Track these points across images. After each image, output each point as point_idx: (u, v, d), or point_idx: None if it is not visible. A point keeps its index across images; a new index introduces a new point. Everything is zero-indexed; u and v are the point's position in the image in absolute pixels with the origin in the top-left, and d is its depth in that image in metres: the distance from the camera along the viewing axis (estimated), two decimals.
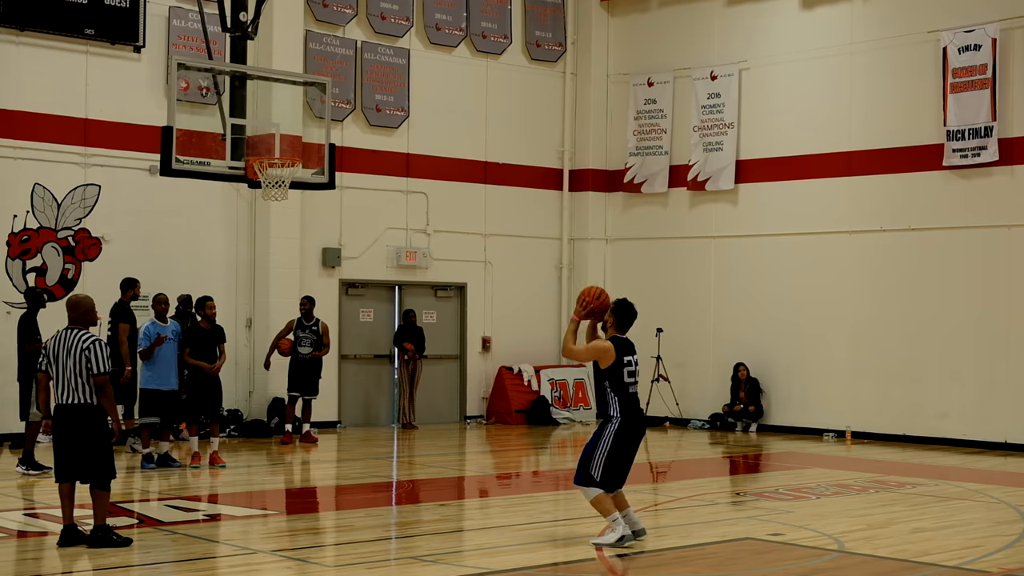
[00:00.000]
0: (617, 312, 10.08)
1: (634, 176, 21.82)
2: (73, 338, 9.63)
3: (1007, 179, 17.62)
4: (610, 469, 9.79)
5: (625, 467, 9.92)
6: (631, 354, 9.98)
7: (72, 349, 9.57)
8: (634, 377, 9.96)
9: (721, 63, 20.70)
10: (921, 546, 10.08)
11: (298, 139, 14.57)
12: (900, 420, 18.58)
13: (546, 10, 22.08)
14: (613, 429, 9.82)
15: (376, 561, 9.47)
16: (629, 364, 9.92)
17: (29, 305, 14.40)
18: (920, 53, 18.43)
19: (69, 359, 9.57)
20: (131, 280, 15.81)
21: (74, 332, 9.69)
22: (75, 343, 9.59)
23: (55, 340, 9.74)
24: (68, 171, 17.15)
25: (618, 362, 9.85)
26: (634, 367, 9.98)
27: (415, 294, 20.73)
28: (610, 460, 9.78)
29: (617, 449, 9.79)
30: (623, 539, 9.74)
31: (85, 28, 17.14)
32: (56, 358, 9.64)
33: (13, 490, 12.89)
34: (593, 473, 9.80)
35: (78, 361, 9.53)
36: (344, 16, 19.60)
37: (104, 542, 9.59)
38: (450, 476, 15.07)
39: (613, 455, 9.79)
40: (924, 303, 18.37)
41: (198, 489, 13.32)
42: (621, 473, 9.90)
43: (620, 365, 9.86)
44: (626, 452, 9.86)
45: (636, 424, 9.89)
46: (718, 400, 20.40)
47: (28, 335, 14.10)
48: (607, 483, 9.82)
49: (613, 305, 10.14)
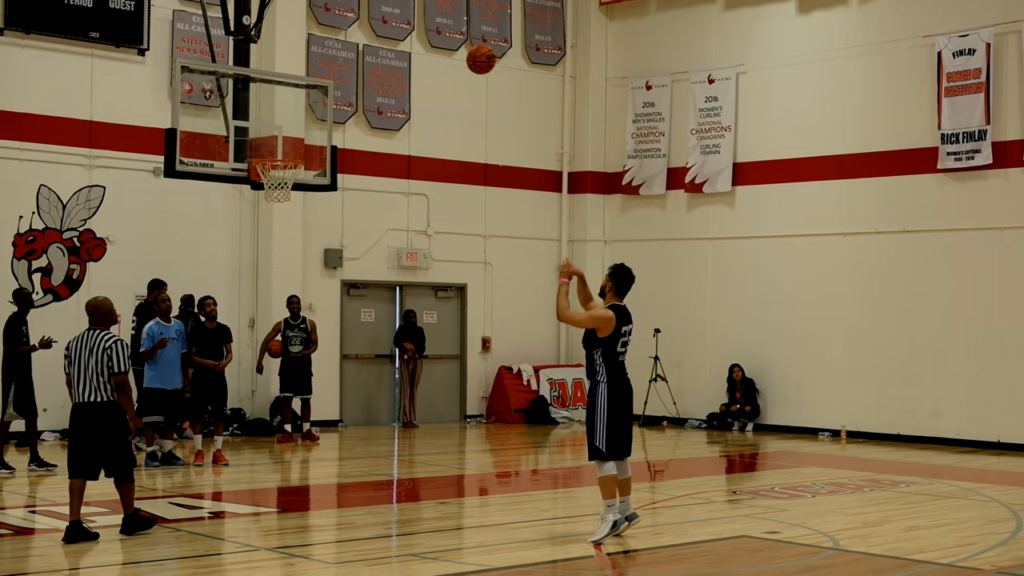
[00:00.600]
0: (616, 277, 10.08)
1: (632, 178, 21.95)
2: (95, 338, 9.94)
3: (1001, 182, 17.77)
4: (612, 436, 9.82)
5: (626, 431, 9.93)
6: (628, 323, 9.97)
7: (95, 349, 9.87)
8: (625, 348, 9.97)
9: (718, 67, 20.84)
10: (915, 544, 10.14)
11: (300, 141, 14.65)
12: (894, 420, 18.72)
13: (546, 14, 22.22)
14: (604, 394, 9.85)
15: (377, 558, 9.55)
16: (625, 335, 9.92)
17: (18, 306, 14.21)
18: (915, 57, 18.58)
19: (91, 359, 9.86)
20: (159, 281, 16.05)
21: (96, 333, 10.02)
22: (97, 343, 9.90)
23: (77, 341, 10.03)
24: (73, 172, 17.27)
25: (615, 332, 9.86)
26: (628, 337, 9.97)
27: (416, 295, 20.87)
28: (610, 427, 9.81)
29: (613, 413, 9.82)
30: (615, 525, 9.85)
31: (90, 31, 17.26)
32: (78, 358, 9.92)
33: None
34: (599, 445, 9.83)
35: (100, 360, 9.85)
36: (346, 20, 19.74)
37: (138, 526, 10.07)
38: (450, 474, 15.17)
39: (612, 420, 9.81)
40: (918, 304, 18.51)
41: (202, 487, 13.40)
42: (624, 438, 9.90)
43: (616, 335, 9.87)
44: (622, 414, 9.88)
45: (624, 385, 9.93)
46: (715, 400, 20.52)
47: (13, 338, 13.93)
48: (613, 451, 9.83)
49: (611, 270, 10.16)
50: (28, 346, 13.93)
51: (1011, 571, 9.12)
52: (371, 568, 9.12)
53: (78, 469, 9.96)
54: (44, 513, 11.32)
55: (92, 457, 9.93)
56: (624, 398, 9.95)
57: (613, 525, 9.86)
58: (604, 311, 9.92)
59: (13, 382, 13.92)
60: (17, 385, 13.91)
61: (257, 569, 9.10)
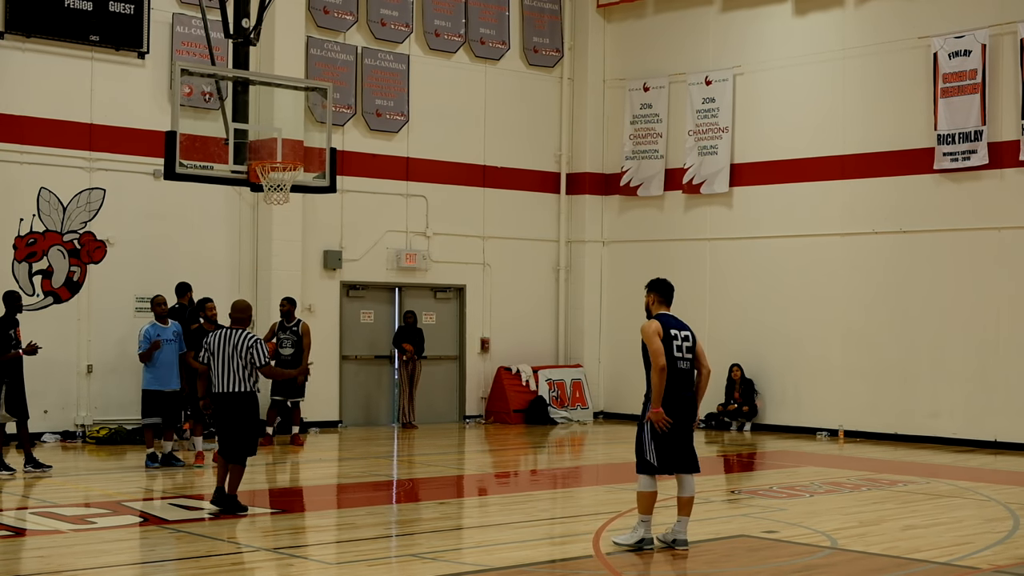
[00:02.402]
0: (655, 289, 9.94)
1: (630, 179, 22.01)
2: (238, 336, 11.19)
3: (996, 182, 17.84)
4: (663, 450, 9.60)
5: (679, 446, 9.65)
6: (678, 328, 9.73)
7: (238, 345, 11.13)
8: (682, 353, 9.69)
9: (716, 68, 20.90)
10: (912, 543, 10.18)
11: (299, 143, 14.69)
12: (892, 419, 18.77)
13: (544, 16, 22.27)
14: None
15: (377, 558, 9.59)
16: (676, 338, 9.69)
17: (7, 309, 14.11)
18: (911, 58, 18.64)
19: (234, 354, 11.13)
20: (185, 284, 16.14)
21: (237, 331, 11.26)
22: (241, 340, 11.15)
23: (217, 337, 11.25)
24: (73, 175, 17.32)
25: (666, 337, 9.61)
26: (684, 342, 9.70)
27: (415, 296, 20.92)
28: (658, 442, 9.61)
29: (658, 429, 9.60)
30: (643, 542, 9.67)
31: (90, 35, 17.31)
32: (221, 352, 11.17)
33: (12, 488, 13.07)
34: (650, 459, 9.64)
35: (243, 356, 11.10)
36: (345, 22, 19.79)
37: (233, 507, 11.36)
38: (449, 475, 15.20)
39: (657, 436, 9.60)
40: (915, 304, 18.58)
41: (202, 488, 13.43)
42: (677, 453, 9.64)
43: (668, 340, 9.63)
44: (673, 428, 9.58)
45: (679, 396, 9.64)
46: (714, 400, 20.56)
47: (2, 343, 13.78)
48: (665, 465, 9.63)
49: (648, 285, 9.99)
50: (12, 352, 13.83)
51: (1008, 570, 9.16)
52: (371, 568, 9.15)
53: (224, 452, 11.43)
54: (42, 514, 11.35)
55: (233, 440, 11.29)
56: (677, 410, 9.63)
57: (640, 541, 9.66)
58: (646, 323, 9.75)
59: (4, 384, 13.87)
60: (8, 387, 13.90)
61: (257, 569, 9.16)
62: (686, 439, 9.76)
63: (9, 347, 13.91)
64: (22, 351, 13.92)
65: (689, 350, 9.75)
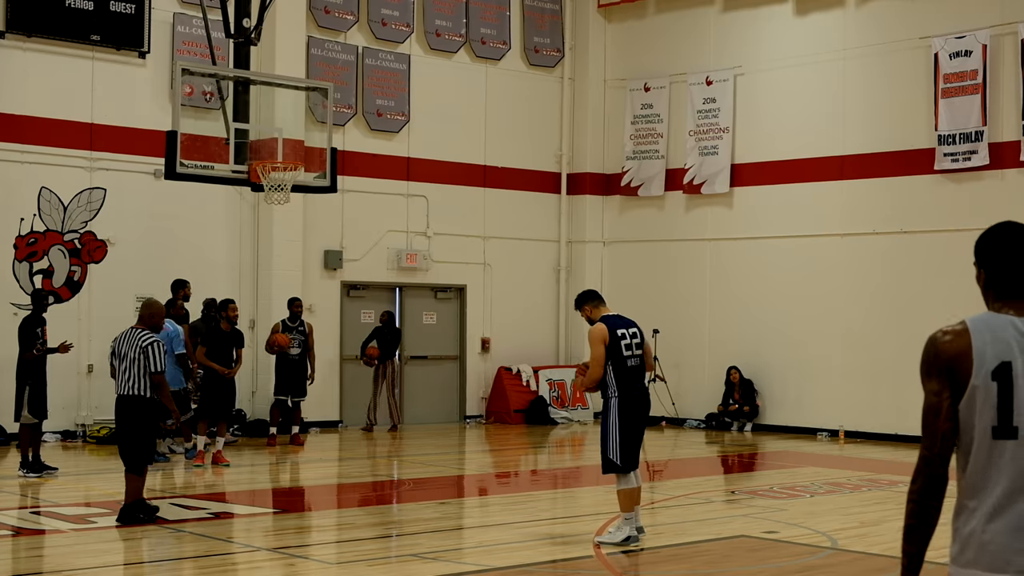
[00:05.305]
0: (584, 300, 10.14)
1: (631, 180, 22.02)
2: (136, 337, 10.63)
3: (997, 183, 17.85)
4: (626, 448, 9.75)
5: (637, 442, 9.84)
6: (625, 327, 9.86)
7: (135, 346, 10.59)
8: (632, 351, 9.82)
9: (716, 68, 20.92)
10: None
11: (300, 143, 14.73)
12: (892, 419, 18.77)
13: (544, 16, 22.29)
14: (616, 407, 9.77)
15: (377, 558, 9.63)
16: (625, 338, 9.81)
17: (34, 308, 14.21)
18: (912, 59, 18.65)
19: (133, 354, 10.57)
20: (181, 281, 16.12)
21: (138, 331, 10.70)
22: (137, 341, 10.59)
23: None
24: (74, 175, 17.33)
25: (613, 338, 9.73)
26: (632, 339, 9.83)
27: (415, 296, 20.93)
28: (623, 439, 9.73)
29: (626, 426, 9.72)
30: (629, 539, 9.76)
31: (91, 34, 17.33)
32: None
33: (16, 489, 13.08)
34: (613, 458, 9.76)
35: (138, 358, 10.53)
36: (345, 22, 19.81)
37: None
38: (450, 475, 15.24)
39: (624, 433, 9.72)
40: (915, 305, 18.58)
41: (202, 488, 13.49)
42: (636, 449, 9.84)
43: (616, 341, 9.76)
44: (635, 427, 9.78)
45: (637, 394, 9.83)
46: (714, 400, 20.59)
47: (28, 341, 13.82)
48: (627, 462, 9.76)
49: (577, 300, 10.24)
50: (34, 350, 13.76)
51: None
52: (371, 568, 9.17)
53: None
54: (46, 514, 11.39)
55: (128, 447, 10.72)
56: (637, 408, 9.84)
57: (627, 539, 9.75)
58: (593, 328, 9.85)
59: (28, 385, 13.83)
60: (32, 388, 13.87)
61: (258, 569, 9.18)
62: (641, 435, 9.96)
63: (35, 346, 13.81)
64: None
65: (638, 347, 9.90)
